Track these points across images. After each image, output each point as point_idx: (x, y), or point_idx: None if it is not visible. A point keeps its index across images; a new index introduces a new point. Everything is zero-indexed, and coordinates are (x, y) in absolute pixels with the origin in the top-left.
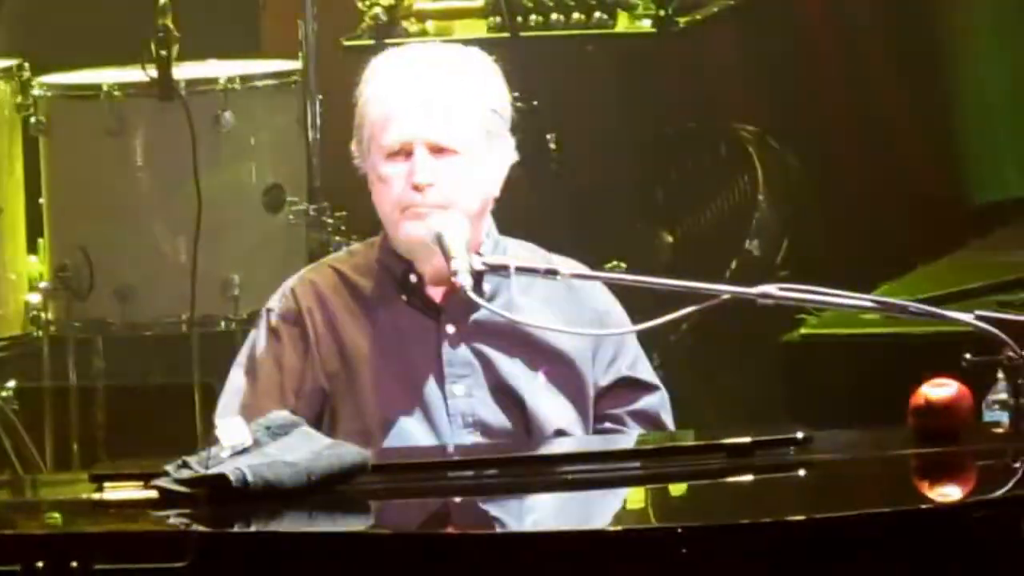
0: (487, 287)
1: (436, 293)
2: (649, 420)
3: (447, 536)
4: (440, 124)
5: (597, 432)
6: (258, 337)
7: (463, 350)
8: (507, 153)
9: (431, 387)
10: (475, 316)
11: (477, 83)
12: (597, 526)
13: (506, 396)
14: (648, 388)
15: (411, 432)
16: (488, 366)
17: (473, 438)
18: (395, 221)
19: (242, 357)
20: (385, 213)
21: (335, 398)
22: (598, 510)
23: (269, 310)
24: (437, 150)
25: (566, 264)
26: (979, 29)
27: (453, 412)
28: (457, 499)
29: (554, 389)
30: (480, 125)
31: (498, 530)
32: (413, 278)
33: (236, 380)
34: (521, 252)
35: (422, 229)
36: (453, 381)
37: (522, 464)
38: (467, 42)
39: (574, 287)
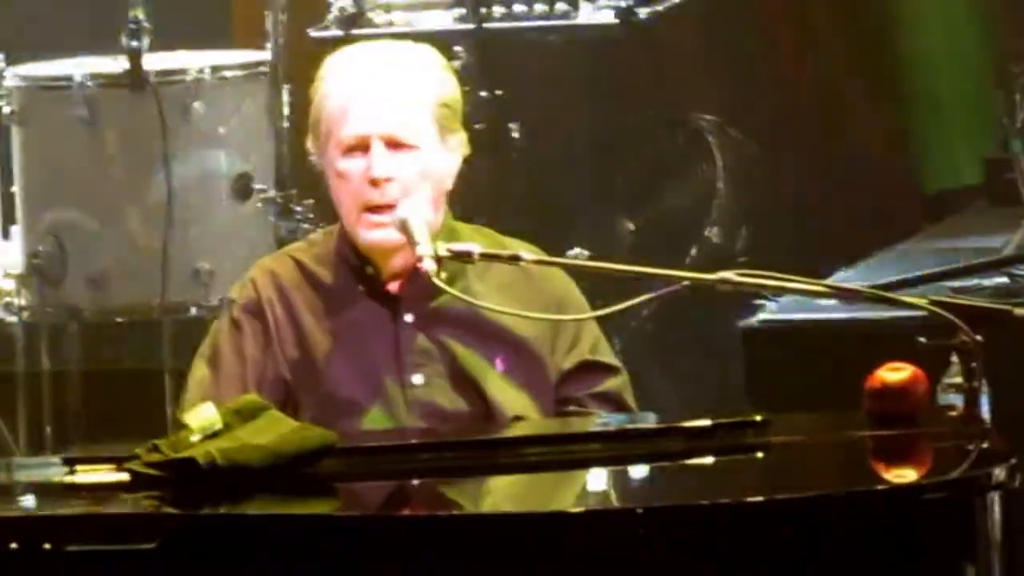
0: (443, 274)
1: (393, 285)
2: (612, 402)
3: (411, 518)
4: (396, 119)
5: (559, 416)
6: (220, 328)
7: (421, 339)
8: (460, 147)
9: (390, 376)
10: (432, 304)
11: (431, 79)
12: (558, 507)
13: (465, 384)
14: (610, 371)
15: (371, 421)
16: (446, 354)
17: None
18: (354, 222)
19: (205, 348)
20: (345, 209)
21: (296, 388)
22: (559, 492)
23: (231, 301)
24: (393, 145)
25: (522, 249)
26: (932, 23)
27: (412, 401)
28: (422, 481)
29: (513, 376)
30: (434, 120)
31: (461, 512)
32: (370, 270)
33: (200, 371)
34: (476, 237)
35: (383, 235)
36: (412, 371)
37: (485, 446)
38: (432, 33)
39: (531, 272)
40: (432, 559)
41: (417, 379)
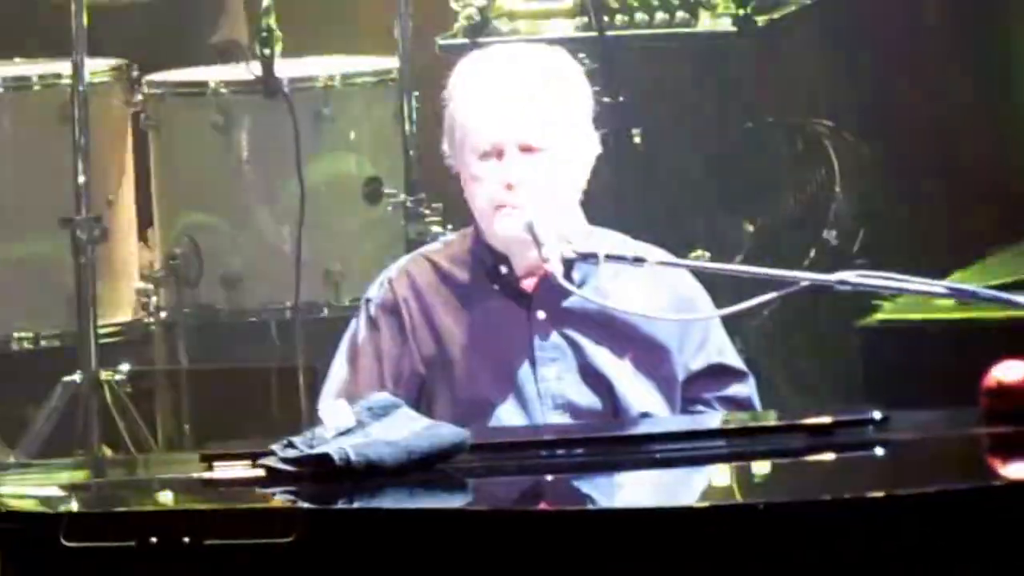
0: (576, 275)
1: (528, 283)
2: (739, 407)
3: (542, 512)
4: (530, 125)
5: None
6: (358, 326)
7: (553, 335)
8: (592, 147)
9: (523, 371)
10: (565, 303)
11: (563, 82)
12: (684, 502)
13: (595, 379)
14: (737, 375)
15: (503, 414)
16: (577, 351)
17: (563, 419)
18: (489, 218)
19: (344, 346)
20: (479, 210)
21: (431, 383)
22: (685, 487)
23: (368, 300)
24: (527, 149)
25: (652, 252)
26: None
27: (544, 394)
28: (551, 476)
29: (641, 374)
30: (567, 123)
31: (590, 507)
32: (503, 269)
33: (338, 368)
34: (608, 241)
35: (516, 225)
36: (544, 365)
37: (612, 443)
38: (555, 41)
39: (661, 274)
40: (565, 553)
41: (549, 373)
